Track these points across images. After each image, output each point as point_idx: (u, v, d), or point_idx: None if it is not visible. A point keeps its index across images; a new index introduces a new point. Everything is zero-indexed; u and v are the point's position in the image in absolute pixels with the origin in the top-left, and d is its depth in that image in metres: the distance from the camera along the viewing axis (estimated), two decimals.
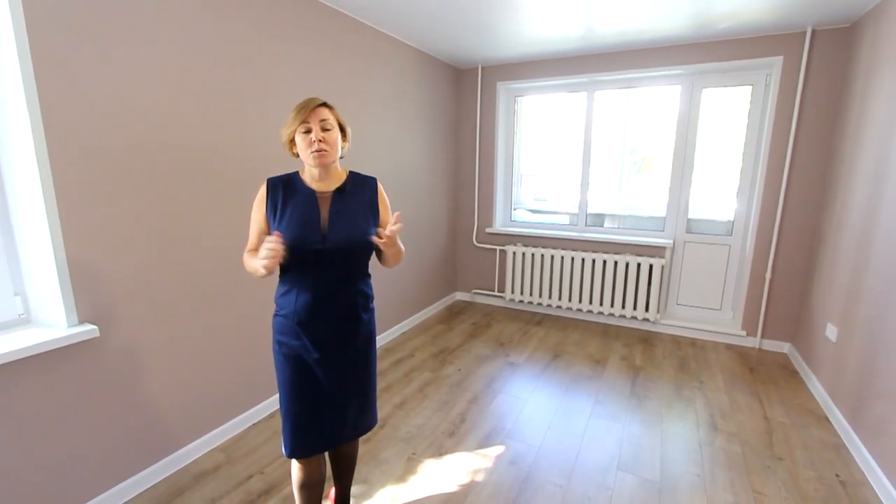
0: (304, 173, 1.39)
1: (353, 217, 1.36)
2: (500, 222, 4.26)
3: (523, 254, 3.99)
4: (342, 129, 1.37)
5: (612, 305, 3.72)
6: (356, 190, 1.41)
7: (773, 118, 3.03)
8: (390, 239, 1.29)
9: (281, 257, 1.21)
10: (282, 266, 1.36)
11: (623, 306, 3.68)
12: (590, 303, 3.80)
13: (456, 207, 4.33)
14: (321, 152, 1.29)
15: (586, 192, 3.85)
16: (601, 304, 3.77)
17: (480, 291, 4.38)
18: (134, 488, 1.80)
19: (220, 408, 2.14)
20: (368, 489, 1.86)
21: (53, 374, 1.52)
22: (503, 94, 4.00)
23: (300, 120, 1.28)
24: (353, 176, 1.43)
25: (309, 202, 1.34)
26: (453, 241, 4.35)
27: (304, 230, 1.30)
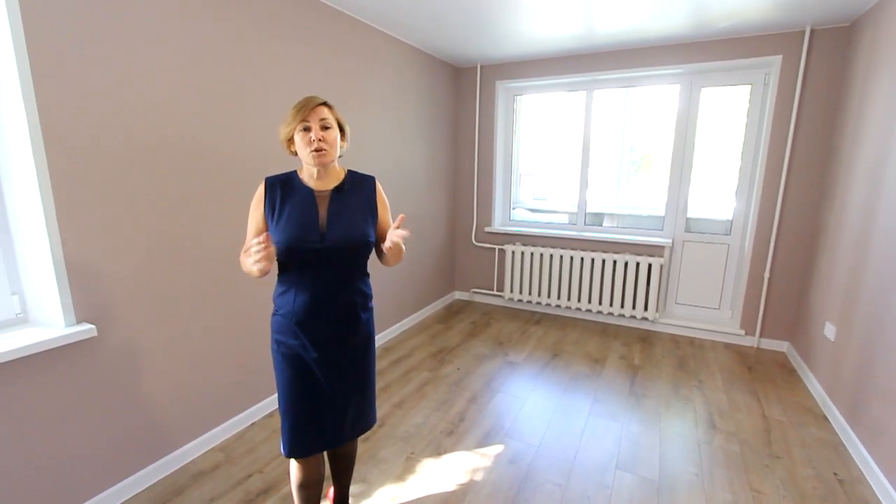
0: (302, 172, 1.38)
1: (351, 216, 1.36)
2: (499, 221, 4.26)
3: (522, 253, 3.99)
4: (341, 129, 1.37)
5: (610, 304, 3.73)
6: (354, 189, 1.41)
7: (772, 117, 3.03)
8: (396, 245, 1.27)
9: (272, 259, 1.19)
10: (280, 265, 1.36)
11: (622, 305, 3.68)
12: (589, 302, 3.80)
13: (455, 206, 4.33)
14: (320, 151, 1.28)
15: (585, 192, 3.84)
16: (600, 303, 3.77)
17: (479, 291, 4.38)
18: (132, 488, 1.80)
19: (218, 407, 2.14)
20: (367, 488, 1.86)
21: (51, 374, 1.52)
22: (502, 93, 4.00)
23: (300, 118, 1.27)
24: (351, 175, 1.42)
25: (307, 201, 1.33)
26: (452, 240, 4.34)
27: (302, 229, 1.29)
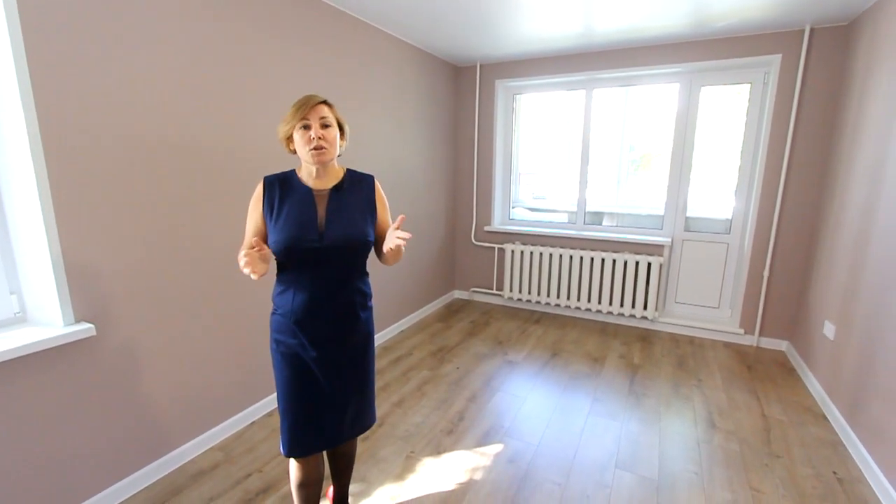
0: (300, 171, 1.38)
1: (350, 215, 1.35)
2: (498, 220, 4.26)
3: (522, 252, 3.99)
4: (340, 128, 1.36)
5: (610, 304, 3.73)
6: (353, 188, 1.40)
7: (772, 116, 3.03)
8: (398, 247, 1.26)
9: (265, 263, 1.20)
10: (279, 264, 1.36)
11: (621, 304, 3.68)
12: (588, 301, 3.80)
13: (454, 205, 4.33)
14: (320, 149, 1.28)
15: (585, 191, 3.84)
16: (599, 302, 3.77)
17: (479, 290, 4.38)
18: (131, 487, 1.79)
19: (217, 406, 2.14)
20: (367, 487, 1.86)
21: (50, 373, 1.52)
22: (502, 92, 3.99)
23: (300, 117, 1.27)
24: (350, 174, 1.42)
25: (306, 200, 1.33)
26: (452, 239, 4.34)
27: (300, 229, 1.29)
